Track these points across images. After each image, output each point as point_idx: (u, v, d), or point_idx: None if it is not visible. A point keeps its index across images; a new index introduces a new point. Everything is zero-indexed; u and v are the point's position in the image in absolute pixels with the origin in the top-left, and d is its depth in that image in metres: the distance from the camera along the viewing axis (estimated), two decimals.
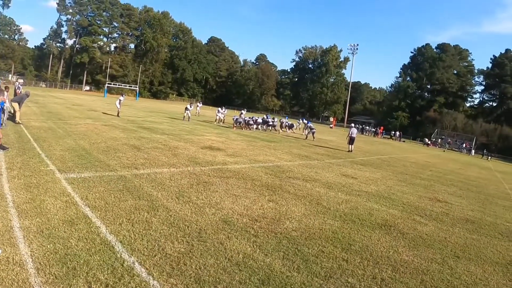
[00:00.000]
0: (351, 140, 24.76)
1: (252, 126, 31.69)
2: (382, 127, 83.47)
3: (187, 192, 7.64)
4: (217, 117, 34.46)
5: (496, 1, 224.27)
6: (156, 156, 11.56)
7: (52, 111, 25.29)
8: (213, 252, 4.83)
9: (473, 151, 69.46)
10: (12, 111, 16.91)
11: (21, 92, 21.00)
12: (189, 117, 31.93)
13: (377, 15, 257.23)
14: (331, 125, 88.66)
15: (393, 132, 77.78)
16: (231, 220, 6.32)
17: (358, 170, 15.63)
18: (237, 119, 32.05)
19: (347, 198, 9.59)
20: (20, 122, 16.34)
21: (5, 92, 15.76)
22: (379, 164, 20.19)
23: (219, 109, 36.19)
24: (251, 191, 8.66)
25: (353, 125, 30.63)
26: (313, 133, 30.60)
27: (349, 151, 24.54)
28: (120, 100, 27.47)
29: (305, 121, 37.17)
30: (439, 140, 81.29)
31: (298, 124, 41.94)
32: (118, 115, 26.51)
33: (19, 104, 17.00)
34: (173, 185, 8.08)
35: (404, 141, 73.21)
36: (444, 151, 61.94)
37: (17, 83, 23.66)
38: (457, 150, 73.35)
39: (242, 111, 40.71)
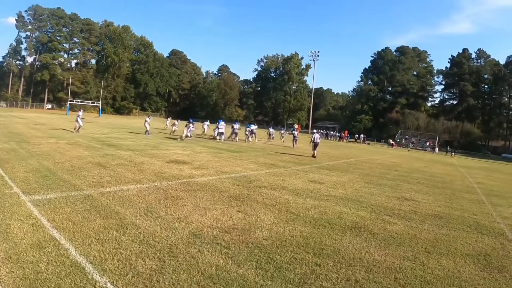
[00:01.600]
0: (315, 146, 25.42)
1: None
2: (346, 131, 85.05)
3: (155, 208, 7.59)
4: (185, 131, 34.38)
5: (452, 4, 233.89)
6: (122, 173, 11.42)
7: (14, 131, 24.72)
8: (186, 266, 4.82)
9: (436, 148, 71.69)
10: None
11: None
12: (146, 130, 31.65)
13: (336, 22, 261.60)
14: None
15: (358, 135, 79.39)
16: (201, 233, 6.31)
17: (325, 175, 15.83)
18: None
19: (315, 203, 9.68)
20: None
21: None
22: (346, 167, 20.51)
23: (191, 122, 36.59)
24: (220, 203, 8.65)
25: (315, 130, 31.47)
26: (295, 140, 31.15)
27: (313, 156, 25.06)
28: (79, 115, 28.50)
29: (283, 130, 38.04)
30: (403, 140, 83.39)
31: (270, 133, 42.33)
32: (78, 131, 27.00)
33: None
34: (140, 202, 8.02)
35: (369, 143, 74.80)
36: (408, 150, 63.43)
37: None
38: (421, 149, 75.31)
39: (206, 122, 41.41)
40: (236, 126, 36.09)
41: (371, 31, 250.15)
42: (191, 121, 29.91)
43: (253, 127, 37.50)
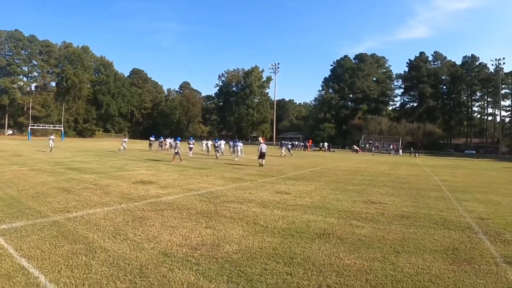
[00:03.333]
0: (262, 155, 26.71)
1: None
2: (310, 141, 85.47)
3: (123, 230, 7.56)
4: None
5: (406, 10, 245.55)
6: (88, 196, 11.28)
7: None
8: (157, 286, 4.82)
9: (400, 151, 73.23)
10: None
11: None
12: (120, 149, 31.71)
13: (295, 33, 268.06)
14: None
15: (322, 144, 79.94)
16: (171, 252, 6.30)
17: (292, 185, 15.98)
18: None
19: (283, 214, 9.77)
20: None
21: None
22: (312, 176, 20.74)
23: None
24: (188, 221, 8.65)
25: (262, 141, 31.55)
26: (289, 149, 31.34)
27: (260, 165, 26.28)
28: (51, 138, 32.42)
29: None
30: (367, 145, 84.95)
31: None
32: (51, 151, 29.91)
33: None
34: (108, 225, 7.96)
35: (333, 151, 75.66)
36: (373, 155, 64.55)
37: None
38: (385, 152, 76.81)
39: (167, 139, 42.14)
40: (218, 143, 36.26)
41: (328, 41, 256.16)
42: (178, 139, 29.09)
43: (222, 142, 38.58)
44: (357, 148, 76.07)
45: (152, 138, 53.60)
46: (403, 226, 8.69)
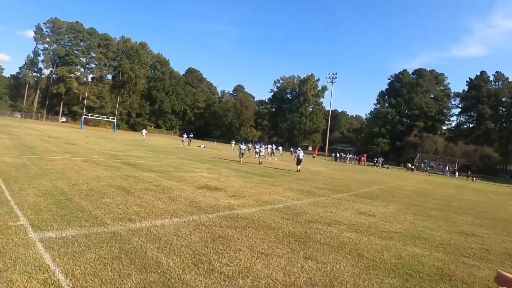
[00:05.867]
0: (298, 161, 28.44)
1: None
2: (365, 155, 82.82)
3: (204, 255, 5.76)
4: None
5: (462, 27, 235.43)
6: (151, 201, 9.62)
7: (27, 144, 23.32)
8: None
9: (456, 173, 69.51)
10: None
11: None
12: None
13: (348, 44, 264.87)
14: (313, 155, 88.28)
15: (376, 159, 77.50)
16: None
17: (369, 205, 14.21)
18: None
19: (382, 243, 8.14)
20: None
21: None
22: (383, 195, 18.83)
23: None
24: (279, 245, 6.90)
25: (299, 148, 33.79)
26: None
27: (297, 171, 27.44)
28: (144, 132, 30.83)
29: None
30: (422, 164, 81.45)
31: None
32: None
33: None
34: (183, 245, 6.19)
35: (387, 168, 72.73)
36: (429, 175, 61.69)
37: None
38: (440, 173, 73.21)
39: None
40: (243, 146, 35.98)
41: (381, 54, 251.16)
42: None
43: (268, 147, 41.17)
44: (412, 167, 72.89)
45: (184, 135, 66.41)
46: None
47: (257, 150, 34.89)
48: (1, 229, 5.91)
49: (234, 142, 46.63)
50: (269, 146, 47.77)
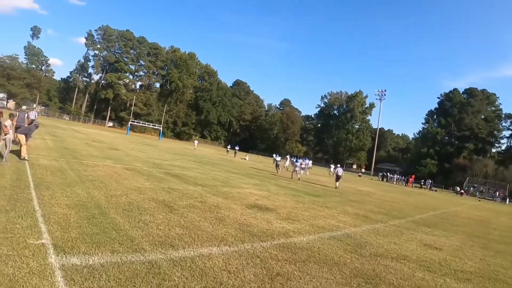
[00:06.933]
0: (337, 178, 29.05)
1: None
2: (413, 176, 79.90)
3: None
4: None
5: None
6: (196, 221, 8.43)
7: (69, 146, 22.89)
8: None
9: (507, 199, 66.10)
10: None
11: (34, 121, 18.32)
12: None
13: (394, 62, 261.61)
14: (359, 174, 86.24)
15: (423, 181, 74.77)
16: None
17: (431, 235, 12.74)
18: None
19: (462, 287, 7.05)
20: (25, 158, 13.78)
21: (9, 121, 13.31)
22: (441, 223, 17.17)
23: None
24: None
25: (339, 165, 34.74)
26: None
27: (336, 187, 27.85)
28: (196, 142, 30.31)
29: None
30: (471, 188, 77.86)
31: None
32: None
33: (26, 136, 14.41)
34: (236, 285, 4.96)
35: (435, 190, 69.67)
36: (479, 200, 58.43)
37: (33, 111, 20.76)
38: (490, 198, 69.45)
39: None
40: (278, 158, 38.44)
41: (429, 72, 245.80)
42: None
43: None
44: (462, 191, 69.56)
45: (229, 146, 72.09)
46: None
47: (296, 165, 34.26)
48: (17, 248, 4.92)
49: (275, 155, 45.70)
50: (304, 161, 47.51)
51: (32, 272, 4.29)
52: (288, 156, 46.66)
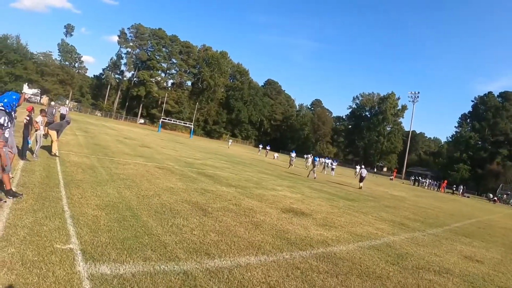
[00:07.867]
0: (361, 179, 29.68)
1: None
2: (445, 181, 77.96)
3: None
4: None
5: None
6: (232, 226, 8.04)
7: (100, 143, 22.84)
8: None
9: None
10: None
11: (66, 117, 18.18)
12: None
13: (427, 64, 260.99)
14: (391, 177, 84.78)
15: (455, 186, 72.88)
16: None
17: (471, 247, 12.08)
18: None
19: None
20: (56, 154, 13.63)
21: (40, 117, 13.17)
22: (479, 233, 16.37)
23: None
24: None
25: (363, 166, 33.81)
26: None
27: (359, 188, 28.91)
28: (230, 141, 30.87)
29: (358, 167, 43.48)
30: (505, 195, 75.57)
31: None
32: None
33: (57, 132, 14.27)
34: None
35: (468, 197, 67.82)
36: None
37: (64, 107, 20.66)
38: None
39: None
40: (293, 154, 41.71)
41: (462, 75, 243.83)
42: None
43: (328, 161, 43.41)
44: (495, 198, 67.42)
45: (260, 146, 74.07)
46: None
47: (315, 164, 35.43)
48: (43, 254, 4.60)
49: (291, 152, 45.31)
50: (326, 160, 47.93)
51: (58, 281, 3.96)
52: (309, 156, 46.88)
